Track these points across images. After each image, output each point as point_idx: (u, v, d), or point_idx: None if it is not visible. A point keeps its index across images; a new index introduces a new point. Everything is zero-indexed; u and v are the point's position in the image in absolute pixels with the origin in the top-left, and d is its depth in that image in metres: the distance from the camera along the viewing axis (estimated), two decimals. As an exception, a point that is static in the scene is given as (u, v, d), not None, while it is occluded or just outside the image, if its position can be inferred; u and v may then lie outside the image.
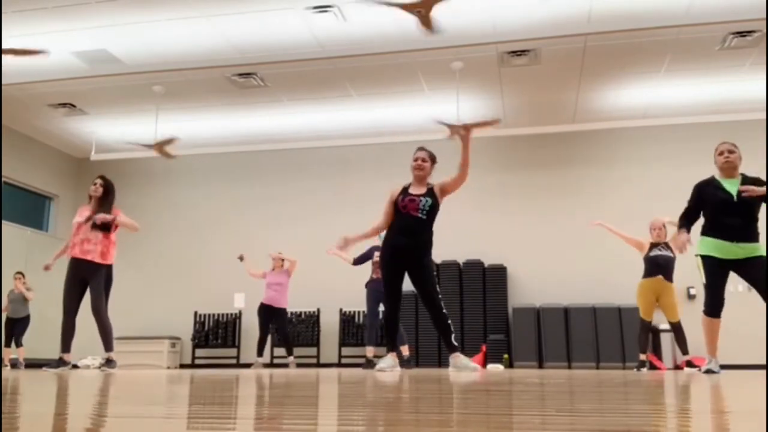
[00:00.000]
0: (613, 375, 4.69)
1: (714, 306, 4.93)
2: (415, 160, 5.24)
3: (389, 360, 5.27)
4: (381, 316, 7.73)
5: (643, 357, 7.36)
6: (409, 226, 5.09)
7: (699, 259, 5.01)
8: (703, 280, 5.00)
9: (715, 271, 4.91)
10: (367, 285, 8.08)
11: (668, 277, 7.24)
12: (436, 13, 6.40)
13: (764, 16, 7.17)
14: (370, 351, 7.96)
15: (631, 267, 9.78)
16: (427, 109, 9.96)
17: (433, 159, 5.30)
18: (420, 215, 5.06)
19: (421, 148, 5.36)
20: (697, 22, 7.52)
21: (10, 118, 10.44)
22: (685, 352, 7.18)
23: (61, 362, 5.76)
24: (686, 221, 5.13)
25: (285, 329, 9.20)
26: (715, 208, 4.96)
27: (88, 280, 5.75)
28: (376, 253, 7.77)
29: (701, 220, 5.13)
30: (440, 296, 5.12)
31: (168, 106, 9.92)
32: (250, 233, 11.43)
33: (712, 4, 7.25)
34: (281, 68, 8.78)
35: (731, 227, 4.86)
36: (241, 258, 9.39)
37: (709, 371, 5.02)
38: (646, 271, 7.38)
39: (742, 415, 1.36)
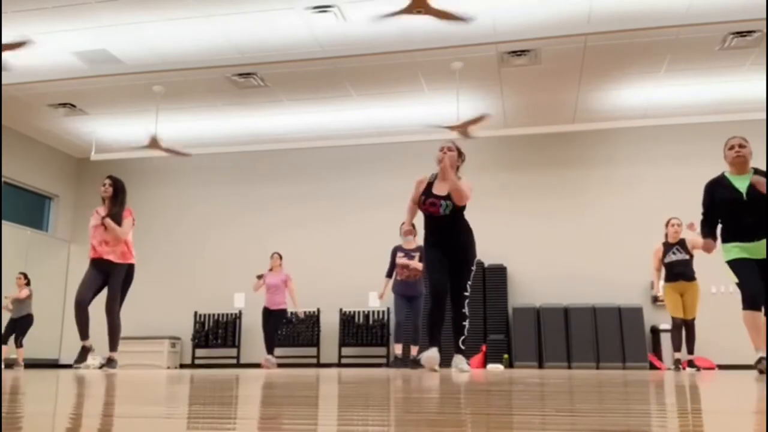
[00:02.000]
0: (613, 375, 4.69)
1: (752, 297, 4.71)
2: (441, 150, 5.19)
3: (435, 353, 5.11)
4: (405, 315, 7.76)
5: (678, 355, 7.28)
6: (441, 224, 5.10)
7: (728, 266, 4.85)
8: (735, 279, 4.81)
9: (744, 266, 4.74)
10: (393, 290, 7.91)
11: (688, 278, 7.18)
12: (440, 4, 6.35)
13: (764, 16, 7.17)
14: (398, 348, 7.97)
15: (632, 267, 9.81)
16: (427, 109, 9.97)
17: (460, 151, 5.25)
18: (444, 213, 5.06)
19: (447, 141, 5.35)
20: (697, 22, 7.52)
21: (10, 118, 10.44)
22: (690, 351, 7.20)
23: (84, 351, 5.75)
24: (708, 227, 4.97)
25: (275, 329, 9.20)
26: (726, 208, 4.82)
27: (109, 276, 5.79)
28: (399, 254, 7.76)
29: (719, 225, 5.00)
30: (467, 294, 5.10)
31: (168, 106, 9.92)
32: (250, 233, 11.44)
33: (712, 4, 7.25)
34: (281, 68, 8.78)
35: (745, 226, 4.71)
36: (259, 277, 9.21)
37: (761, 371, 4.72)
38: (667, 277, 7.31)
39: (741, 415, 1.36)
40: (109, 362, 5.79)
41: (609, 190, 10.56)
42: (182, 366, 11.04)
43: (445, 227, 5.10)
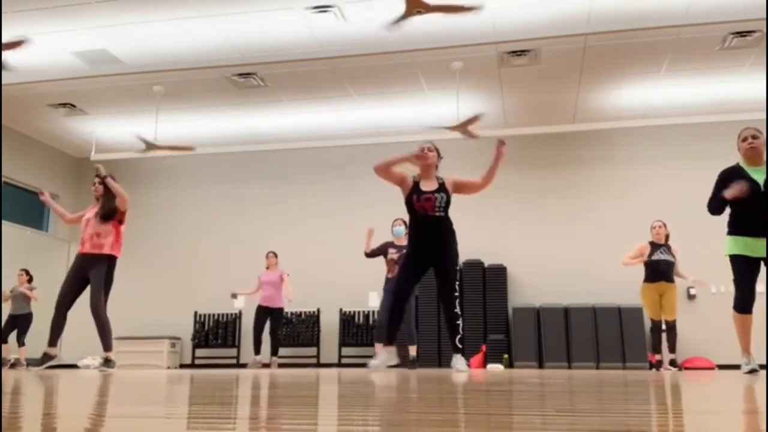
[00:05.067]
0: (613, 375, 4.69)
1: (743, 301, 4.69)
2: (421, 150, 5.24)
3: (384, 355, 5.25)
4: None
5: (658, 357, 7.39)
6: (430, 226, 5.09)
7: (728, 259, 4.78)
8: (733, 276, 4.75)
9: (745, 267, 4.67)
10: (385, 287, 7.84)
11: (669, 279, 7.28)
12: (427, 18, 6.39)
13: (764, 16, 7.17)
14: (378, 347, 7.93)
15: (631, 267, 9.80)
16: (427, 109, 9.97)
17: (438, 151, 5.33)
18: (438, 213, 5.07)
19: (426, 142, 5.39)
20: (697, 22, 7.52)
21: (10, 118, 10.44)
22: (672, 350, 7.31)
23: (46, 357, 5.66)
24: (714, 203, 4.83)
25: (277, 329, 9.21)
26: (741, 198, 4.67)
27: (89, 275, 5.71)
28: (391, 250, 7.69)
29: (725, 217, 4.85)
30: (457, 294, 5.12)
31: (168, 106, 9.92)
32: (250, 233, 11.44)
33: (712, 4, 7.25)
34: (281, 68, 8.78)
35: (755, 220, 4.60)
36: (234, 296, 9.25)
37: (752, 371, 4.71)
38: (648, 276, 7.38)
39: (741, 415, 1.36)
40: (107, 362, 5.73)
41: (609, 190, 10.56)
42: (182, 366, 11.04)
43: (435, 228, 5.09)
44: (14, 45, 7.01)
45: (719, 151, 7.27)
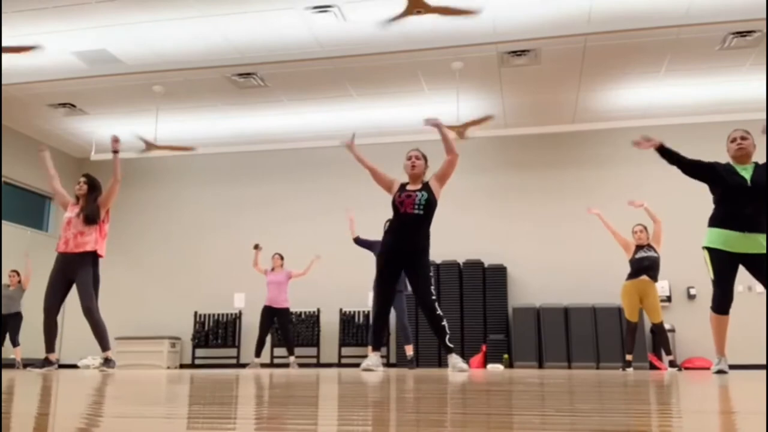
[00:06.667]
0: (613, 375, 4.69)
1: (722, 302, 4.69)
2: (409, 158, 5.35)
3: (374, 358, 5.27)
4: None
5: (629, 357, 7.39)
6: (406, 226, 5.11)
7: (705, 252, 4.73)
8: (711, 275, 4.72)
9: (724, 265, 4.65)
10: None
11: (653, 277, 7.21)
12: (440, 2, 6.38)
13: (764, 16, 7.17)
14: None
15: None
16: (427, 109, 9.95)
17: (425, 158, 5.38)
18: (417, 211, 5.09)
19: (413, 149, 5.45)
20: (697, 22, 7.52)
21: (10, 118, 10.44)
22: (668, 352, 7.27)
23: (46, 362, 5.63)
24: (684, 159, 5.07)
25: (287, 329, 9.19)
26: (728, 191, 4.70)
27: (75, 277, 5.61)
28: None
29: (708, 211, 4.85)
30: (434, 297, 5.11)
31: (168, 106, 9.92)
32: (250, 233, 11.42)
33: (712, 4, 7.26)
34: (281, 68, 8.78)
35: (741, 215, 4.60)
36: (256, 246, 9.27)
37: (720, 371, 4.78)
38: (631, 273, 7.35)
39: (742, 415, 1.36)
40: (106, 362, 5.70)
41: (609, 190, 10.55)
42: (182, 366, 11.03)
43: (411, 227, 5.10)
44: (23, 49, 7.03)
45: (719, 151, 7.25)
